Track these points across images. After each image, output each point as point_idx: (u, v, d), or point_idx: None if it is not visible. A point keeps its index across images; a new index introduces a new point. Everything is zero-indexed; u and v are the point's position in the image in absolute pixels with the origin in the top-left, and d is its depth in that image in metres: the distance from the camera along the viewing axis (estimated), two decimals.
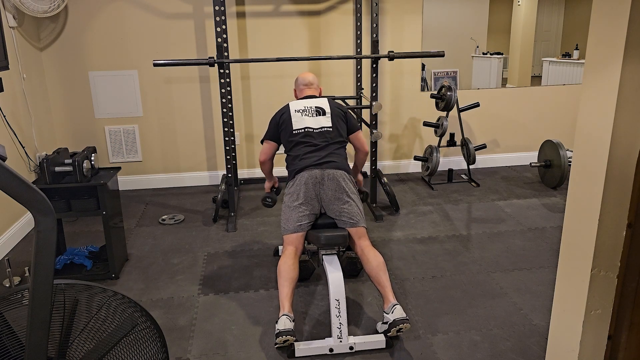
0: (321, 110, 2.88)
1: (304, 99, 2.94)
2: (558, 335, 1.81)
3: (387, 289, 2.43)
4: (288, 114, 2.86)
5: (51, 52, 4.26)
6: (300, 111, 2.86)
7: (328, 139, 2.81)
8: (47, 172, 2.81)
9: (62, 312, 1.56)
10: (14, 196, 1.33)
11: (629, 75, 1.44)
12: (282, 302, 2.37)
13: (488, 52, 5.42)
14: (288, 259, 2.53)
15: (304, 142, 2.80)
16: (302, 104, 2.90)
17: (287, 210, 2.69)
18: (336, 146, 2.82)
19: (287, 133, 2.84)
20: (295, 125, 2.82)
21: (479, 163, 5.00)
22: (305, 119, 2.84)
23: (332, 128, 2.84)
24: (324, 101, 2.93)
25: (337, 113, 2.90)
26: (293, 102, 2.91)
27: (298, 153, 2.79)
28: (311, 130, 2.81)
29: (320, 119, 2.85)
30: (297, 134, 2.81)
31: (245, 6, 4.37)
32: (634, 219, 1.57)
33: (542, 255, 3.22)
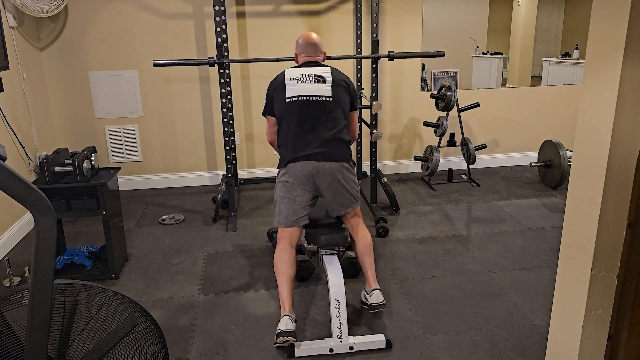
0: (321, 78, 2.54)
1: (302, 67, 2.60)
2: (558, 335, 1.81)
3: (370, 272, 2.54)
4: (282, 81, 2.55)
5: (51, 52, 4.26)
6: (296, 79, 2.53)
7: (326, 112, 2.49)
8: (47, 172, 2.81)
9: (62, 312, 1.56)
10: (14, 196, 1.33)
11: (629, 75, 1.44)
12: (283, 302, 2.37)
13: (488, 52, 5.42)
14: (284, 254, 2.44)
15: (297, 114, 2.48)
16: (299, 71, 2.56)
17: (281, 201, 2.49)
18: (334, 122, 2.51)
19: (279, 102, 2.53)
20: (289, 92, 2.50)
21: (479, 163, 5.00)
22: (301, 86, 2.51)
23: (332, 99, 2.51)
24: (326, 69, 2.59)
25: (340, 83, 2.57)
26: (290, 69, 2.59)
27: (290, 131, 2.48)
28: (306, 98, 2.48)
29: (320, 86, 2.52)
30: (291, 103, 2.49)
31: (245, 6, 4.37)
32: (634, 219, 1.57)
33: (542, 255, 3.22)
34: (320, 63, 2.67)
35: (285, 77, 2.55)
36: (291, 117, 2.49)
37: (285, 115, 2.51)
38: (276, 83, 2.58)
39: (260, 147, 4.73)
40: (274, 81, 2.60)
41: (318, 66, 2.62)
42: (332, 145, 2.48)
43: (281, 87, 2.54)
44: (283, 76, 2.57)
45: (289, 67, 2.62)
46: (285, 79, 2.54)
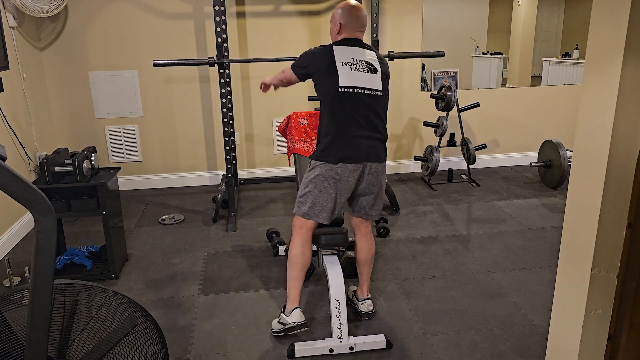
0: (372, 67, 2.31)
1: (350, 46, 2.33)
2: (558, 335, 1.81)
3: (365, 283, 2.60)
4: (332, 61, 2.26)
5: (51, 52, 4.26)
6: (348, 64, 2.27)
7: (376, 108, 2.31)
8: (47, 172, 2.81)
9: (62, 312, 1.56)
10: (14, 196, 1.33)
11: (629, 75, 1.44)
12: (296, 295, 2.38)
13: (488, 52, 5.42)
14: (306, 248, 2.36)
15: (350, 107, 2.26)
16: (349, 54, 2.29)
17: (317, 193, 2.30)
18: (381, 119, 2.34)
19: (328, 85, 2.26)
20: (342, 80, 2.25)
21: (479, 163, 5.00)
22: (355, 74, 2.27)
23: (383, 93, 2.33)
24: (373, 55, 2.36)
25: (386, 73, 2.37)
26: (337, 47, 2.31)
27: (341, 125, 2.26)
28: (361, 91, 2.27)
29: (373, 77, 2.30)
30: (344, 93, 2.25)
31: (245, 6, 4.37)
32: (634, 219, 1.57)
33: (542, 255, 3.22)
34: (365, 43, 2.40)
35: (336, 57, 2.26)
36: (342, 108, 2.27)
37: (335, 105, 2.27)
38: (323, 59, 2.28)
39: (260, 147, 4.73)
40: (319, 54, 2.30)
41: (365, 47, 2.36)
42: (379, 144, 2.35)
43: (331, 68, 2.26)
44: (332, 55, 2.27)
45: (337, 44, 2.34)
46: (335, 60, 2.26)
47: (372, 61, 2.33)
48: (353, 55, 2.30)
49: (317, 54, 2.32)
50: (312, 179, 2.32)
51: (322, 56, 2.30)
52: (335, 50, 2.29)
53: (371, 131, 2.31)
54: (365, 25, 2.42)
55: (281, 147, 4.75)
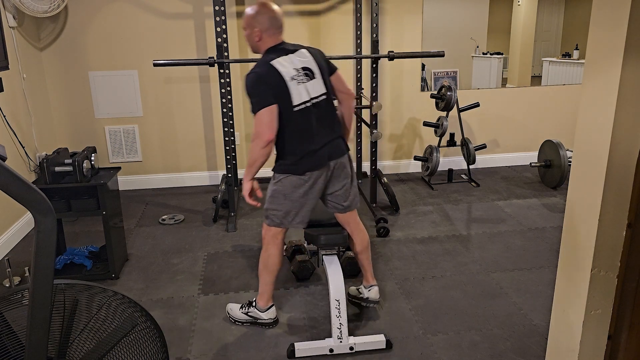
0: (309, 71, 2.27)
1: (284, 56, 2.24)
2: (558, 335, 1.81)
3: (368, 271, 2.61)
4: (282, 80, 2.19)
5: (51, 52, 4.26)
6: (295, 79, 2.22)
7: (327, 110, 2.31)
8: (47, 172, 2.81)
9: (62, 312, 1.55)
10: (14, 196, 1.33)
11: (629, 76, 1.44)
12: (270, 296, 2.52)
13: (488, 52, 5.42)
14: (279, 251, 2.44)
15: (307, 123, 2.25)
16: (289, 65, 2.23)
17: (288, 204, 2.32)
18: (332, 115, 2.36)
19: (283, 106, 2.20)
20: (295, 99, 2.21)
21: (479, 163, 5.00)
22: (300, 87, 2.22)
23: (327, 92, 2.32)
24: (306, 54, 2.31)
25: (322, 65, 2.33)
26: (277, 62, 2.21)
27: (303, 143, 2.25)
28: (309, 104, 2.25)
29: (314, 84, 2.27)
30: (298, 112, 2.23)
31: (245, 6, 4.37)
32: (634, 219, 1.57)
33: (542, 255, 3.22)
34: (291, 45, 2.34)
35: (284, 76, 2.21)
36: (300, 127, 2.25)
37: (292, 125, 2.24)
38: (273, 79, 2.20)
39: None
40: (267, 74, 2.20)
41: (295, 50, 2.30)
42: (339, 140, 2.37)
43: (283, 88, 2.20)
44: (278, 73, 2.20)
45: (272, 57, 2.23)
46: (284, 78, 2.20)
47: (308, 64, 2.28)
48: (293, 66, 2.24)
49: (263, 73, 2.20)
50: (281, 191, 2.31)
51: (272, 77, 2.19)
52: (278, 67, 2.20)
53: (330, 134, 2.33)
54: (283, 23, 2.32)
55: None
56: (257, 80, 2.19)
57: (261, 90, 2.18)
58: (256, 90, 2.19)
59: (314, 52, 2.35)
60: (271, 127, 2.17)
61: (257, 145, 2.19)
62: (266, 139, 2.17)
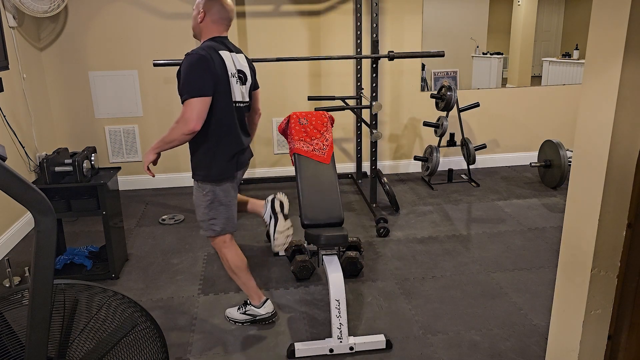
0: (243, 76, 2.32)
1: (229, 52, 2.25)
2: (558, 335, 1.81)
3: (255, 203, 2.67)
4: (226, 73, 2.17)
5: (51, 52, 4.26)
6: (234, 76, 2.23)
7: (246, 114, 2.41)
8: (47, 172, 2.81)
9: (62, 312, 1.56)
10: (14, 196, 1.33)
11: (629, 76, 1.44)
12: (257, 292, 2.54)
13: (488, 52, 5.42)
14: (237, 249, 2.46)
15: (237, 122, 2.29)
16: (231, 63, 2.23)
17: (225, 210, 2.34)
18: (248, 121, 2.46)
19: (222, 101, 2.17)
20: (235, 94, 2.24)
21: (479, 163, 5.00)
22: (237, 87, 2.27)
23: (250, 102, 2.44)
24: (244, 59, 2.37)
25: (253, 77, 2.43)
26: (225, 54, 2.19)
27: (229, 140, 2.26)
28: (240, 106, 2.32)
29: (244, 90, 2.34)
30: (235, 109, 2.27)
31: (245, 6, 4.37)
32: (634, 219, 1.57)
33: (542, 255, 3.22)
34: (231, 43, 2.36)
35: (228, 70, 2.18)
36: (231, 123, 2.24)
37: (225, 121, 2.22)
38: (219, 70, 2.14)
39: (260, 147, 4.73)
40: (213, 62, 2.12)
41: (235, 50, 2.33)
42: (249, 139, 2.49)
43: (225, 80, 2.17)
44: (224, 66, 2.16)
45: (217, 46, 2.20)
46: (228, 72, 2.17)
47: (243, 69, 2.33)
48: (235, 64, 2.26)
49: (208, 59, 2.11)
50: (216, 199, 2.31)
51: (218, 66, 2.13)
52: (225, 60, 2.17)
53: (245, 136, 2.42)
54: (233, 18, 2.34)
55: (281, 147, 4.75)
56: (201, 63, 2.09)
57: (203, 76, 2.09)
58: (197, 74, 2.09)
59: (249, 61, 2.44)
60: (201, 118, 2.10)
61: (179, 130, 2.10)
62: (192, 128, 2.09)
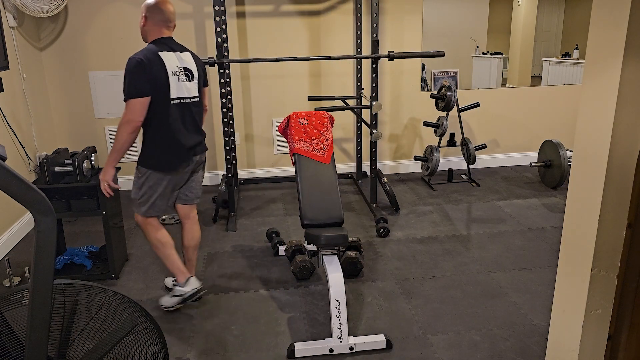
0: (190, 73, 2.47)
1: (171, 52, 2.41)
2: (558, 335, 1.81)
3: (192, 265, 2.81)
4: (164, 72, 2.34)
5: (51, 52, 4.26)
6: (176, 75, 2.38)
7: (195, 111, 2.51)
8: (47, 172, 2.81)
9: (62, 312, 1.55)
10: (14, 196, 1.33)
11: (629, 76, 1.44)
12: (181, 268, 2.62)
13: (488, 52, 5.42)
14: (160, 230, 2.62)
15: (177, 116, 2.42)
16: (173, 61, 2.39)
17: (154, 196, 2.50)
18: (199, 119, 2.57)
19: (160, 98, 2.34)
20: (172, 92, 2.37)
21: (479, 163, 5.00)
22: (180, 85, 2.41)
23: (199, 99, 2.54)
24: (190, 58, 2.50)
25: (201, 73, 2.55)
26: (164, 54, 2.36)
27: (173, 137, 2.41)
28: (186, 101, 2.44)
29: (192, 85, 2.47)
30: (173, 105, 2.39)
31: (245, 6, 4.37)
32: (634, 219, 1.57)
33: (542, 255, 3.22)
34: (177, 43, 2.50)
35: (168, 69, 2.35)
36: (173, 120, 2.40)
37: (165, 117, 2.38)
38: (155, 69, 2.31)
39: (260, 147, 4.73)
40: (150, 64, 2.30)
41: (180, 49, 2.48)
42: (201, 141, 2.60)
43: (164, 79, 2.34)
44: (163, 65, 2.34)
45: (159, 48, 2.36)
46: (167, 71, 2.35)
47: (190, 67, 2.48)
48: (177, 63, 2.41)
49: (145, 61, 2.29)
50: (146, 183, 2.49)
51: (155, 67, 2.31)
52: (164, 60, 2.35)
53: (197, 135, 2.55)
54: (174, 19, 2.48)
55: (281, 147, 4.75)
56: (138, 66, 2.28)
57: (140, 78, 2.28)
58: (135, 76, 2.29)
59: (196, 59, 2.56)
60: (142, 114, 2.31)
61: (125, 130, 2.31)
62: (134, 125, 2.31)
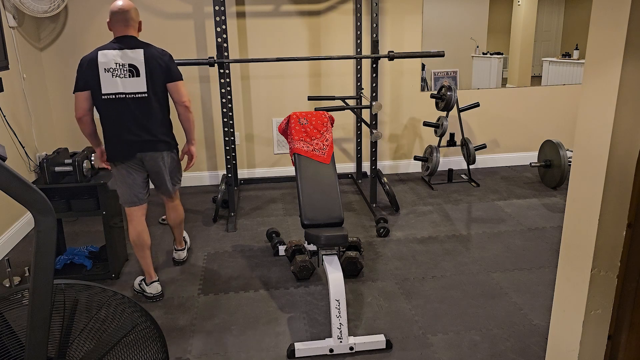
0: (135, 70, 2.52)
1: (114, 50, 2.50)
2: (558, 335, 1.81)
3: (178, 239, 3.16)
4: (95, 70, 2.49)
5: (51, 52, 4.26)
6: (110, 71, 2.49)
7: (144, 108, 2.56)
8: (47, 172, 2.81)
9: (62, 312, 1.56)
10: (14, 196, 1.33)
11: (629, 76, 1.44)
12: (149, 271, 2.80)
13: (488, 52, 5.42)
14: (140, 225, 2.75)
15: (116, 111, 2.54)
16: (112, 58, 2.49)
17: (125, 186, 2.70)
18: (154, 117, 2.60)
19: (95, 94, 2.53)
20: (104, 88, 2.51)
21: (479, 163, 5.00)
22: (116, 81, 2.50)
23: (148, 94, 2.55)
24: (139, 53, 2.53)
25: (153, 69, 2.55)
26: (102, 54, 2.50)
27: (111, 126, 2.57)
28: (123, 96, 2.53)
29: (134, 81, 2.52)
30: (107, 100, 2.53)
31: (245, 6, 4.37)
32: (634, 219, 1.57)
33: (542, 255, 3.22)
34: (134, 39, 2.57)
35: (99, 66, 2.49)
36: (110, 114, 2.56)
37: (103, 111, 2.57)
38: (89, 68, 2.50)
39: (260, 147, 4.73)
40: (87, 63, 2.51)
41: (131, 46, 2.54)
42: (153, 140, 2.64)
43: (94, 77, 2.50)
44: (96, 63, 2.49)
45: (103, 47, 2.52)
46: (99, 68, 2.49)
47: (136, 62, 2.53)
48: (115, 59, 2.51)
49: (84, 61, 2.53)
50: (115, 176, 2.74)
51: (89, 63, 2.51)
52: (99, 56, 2.51)
53: (141, 132, 2.60)
54: (131, 18, 2.56)
55: (281, 147, 4.75)
56: (79, 65, 2.56)
57: (78, 75, 2.55)
58: (77, 73, 2.57)
59: (151, 55, 2.56)
60: (80, 108, 2.56)
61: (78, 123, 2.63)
62: (77, 116, 2.59)
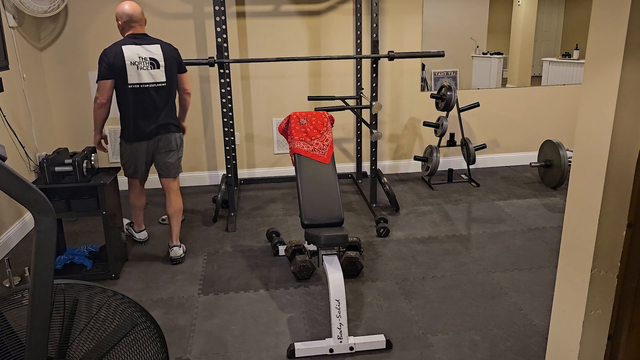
0: (155, 62, 2.96)
1: (135, 45, 2.92)
2: (558, 335, 1.81)
3: (175, 233, 3.26)
4: (122, 63, 2.88)
5: (51, 52, 4.26)
6: (135, 64, 2.91)
7: (162, 96, 3.00)
8: (47, 172, 2.81)
9: (62, 312, 1.56)
10: (14, 196, 1.33)
11: (629, 76, 1.44)
12: (139, 223, 3.45)
13: (488, 52, 5.42)
14: (137, 190, 3.28)
15: (139, 99, 2.95)
16: (135, 53, 2.91)
17: (131, 161, 3.12)
18: (170, 103, 3.04)
19: (120, 83, 2.92)
20: (130, 78, 2.92)
21: (479, 163, 5.00)
22: (141, 73, 2.92)
23: (167, 83, 3.00)
24: (158, 49, 2.97)
25: (171, 61, 3.01)
26: (126, 48, 2.90)
27: (132, 112, 2.96)
28: (147, 86, 2.95)
29: (156, 73, 2.96)
30: (132, 89, 2.94)
31: (245, 6, 4.37)
32: (634, 219, 1.57)
33: (542, 255, 3.22)
34: (148, 36, 3.02)
35: (126, 60, 2.89)
36: (132, 100, 2.94)
37: (128, 98, 2.94)
38: (115, 60, 2.87)
39: (260, 147, 4.73)
40: (112, 56, 2.88)
41: (149, 42, 2.98)
42: (169, 118, 3.06)
43: (121, 68, 2.88)
44: (122, 57, 2.88)
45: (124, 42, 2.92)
46: (125, 62, 2.88)
47: (156, 57, 2.95)
48: (139, 54, 2.92)
49: (109, 53, 2.88)
50: (124, 152, 3.12)
51: (115, 54, 2.88)
52: (124, 51, 2.89)
53: (156, 119, 3.02)
54: (143, 18, 3.01)
55: (281, 147, 4.75)
56: (103, 56, 2.91)
57: (103, 65, 2.90)
58: (101, 63, 2.90)
59: (166, 49, 3.01)
60: (105, 95, 2.93)
61: (95, 106, 2.98)
62: (100, 102, 2.95)
